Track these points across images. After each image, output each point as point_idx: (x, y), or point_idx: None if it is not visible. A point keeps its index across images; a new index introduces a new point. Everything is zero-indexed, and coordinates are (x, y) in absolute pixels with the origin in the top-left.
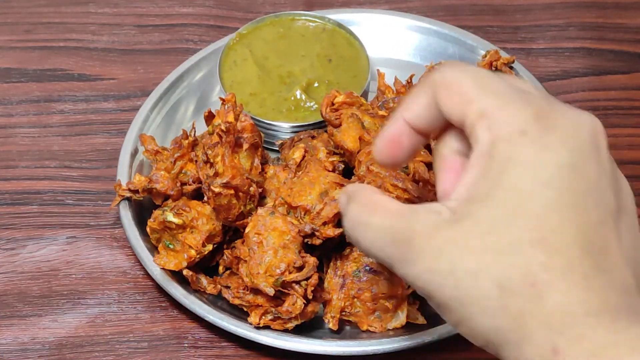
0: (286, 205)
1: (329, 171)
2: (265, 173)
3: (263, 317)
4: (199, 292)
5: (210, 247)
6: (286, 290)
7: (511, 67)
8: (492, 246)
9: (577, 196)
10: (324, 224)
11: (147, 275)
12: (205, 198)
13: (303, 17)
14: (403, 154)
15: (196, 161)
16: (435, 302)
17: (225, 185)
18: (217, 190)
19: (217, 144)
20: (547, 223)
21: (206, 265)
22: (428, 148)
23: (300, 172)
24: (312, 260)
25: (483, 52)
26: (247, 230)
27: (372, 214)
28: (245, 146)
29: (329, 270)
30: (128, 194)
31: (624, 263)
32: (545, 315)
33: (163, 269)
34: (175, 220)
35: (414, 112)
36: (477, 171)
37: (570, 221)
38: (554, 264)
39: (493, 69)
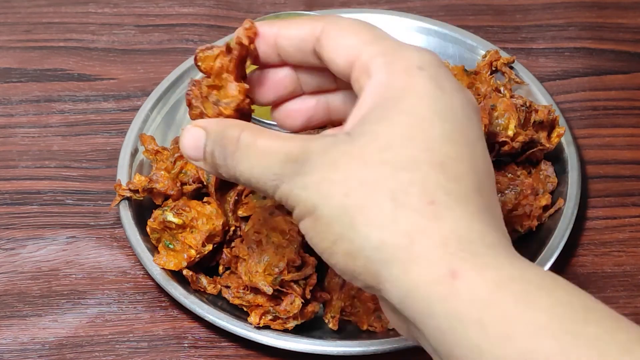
0: None
1: None
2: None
3: (263, 317)
4: (199, 292)
5: (210, 247)
6: (285, 290)
7: (511, 67)
8: (390, 160)
9: (469, 140)
10: None
11: (147, 275)
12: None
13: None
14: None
15: None
16: (317, 214)
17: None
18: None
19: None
20: (445, 151)
21: (206, 265)
22: None
23: None
24: (311, 259)
25: (483, 52)
26: (246, 228)
27: (258, 137)
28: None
29: (329, 270)
30: (128, 194)
31: (500, 213)
32: (441, 237)
33: (163, 269)
34: (175, 220)
35: (290, 34)
36: (372, 100)
37: (465, 158)
38: (452, 188)
39: (493, 69)
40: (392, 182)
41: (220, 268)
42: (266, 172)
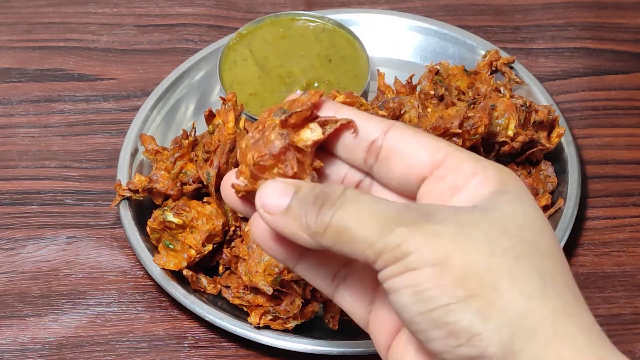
0: None
1: None
2: None
3: (263, 317)
4: (199, 292)
5: (210, 247)
6: (285, 290)
7: (511, 67)
8: (530, 241)
9: None
10: None
11: (147, 275)
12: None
13: (303, 17)
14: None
15: (196, 161)
16: (449, 265)
17: None
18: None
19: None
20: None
21: (206, 265)
22: None
23: None
24: None
25: (483, 52)
26: (246, 228)
27: (366, 192)
28: None
29: None
30: (128, 194)
31: None
32: (586, 325)
33: (163, 269)
34: (175, 220)
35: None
36: (488, 190)
37: None
38: (579, 292)
39: (493, 69)
40: (537, 262)
41: (220, 268)
42: (377, 215)
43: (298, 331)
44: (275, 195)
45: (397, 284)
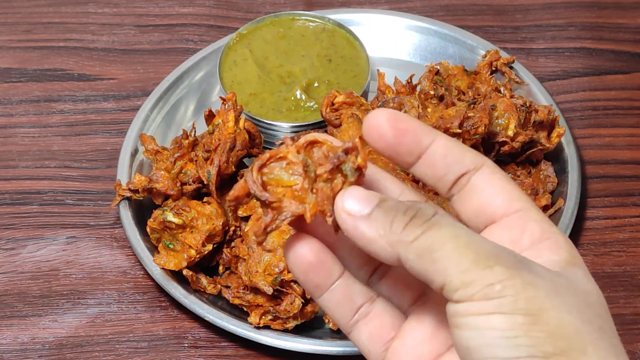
0: None
1: None
2: None
3: (263, 317)
4: (199, 292)
5: (210, 246)
6: (285, 290)
7: (511, 67)
8: (603, 316)
9: None
10: None
11: (147, 275)
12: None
13: (303, 17)
14: None
15: (196, 161)
16: (542, 319)
17: None
18: None
19: None
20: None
21: (206, 265)
22: None
23: None
24: None
25: (483, 52)
26: (246, 228)
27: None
28: None
29: None
30: (128, 194)
31: None
32: None
33: (163, 269)
34: (175, 220)
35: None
36: (558, 259)
37: None
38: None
39: (493, 69)
40: (613, 339)
41: (220, 268)
42: (474, 246)
43: (298, 331)
44: (359, 199)
45: (481, 323)
